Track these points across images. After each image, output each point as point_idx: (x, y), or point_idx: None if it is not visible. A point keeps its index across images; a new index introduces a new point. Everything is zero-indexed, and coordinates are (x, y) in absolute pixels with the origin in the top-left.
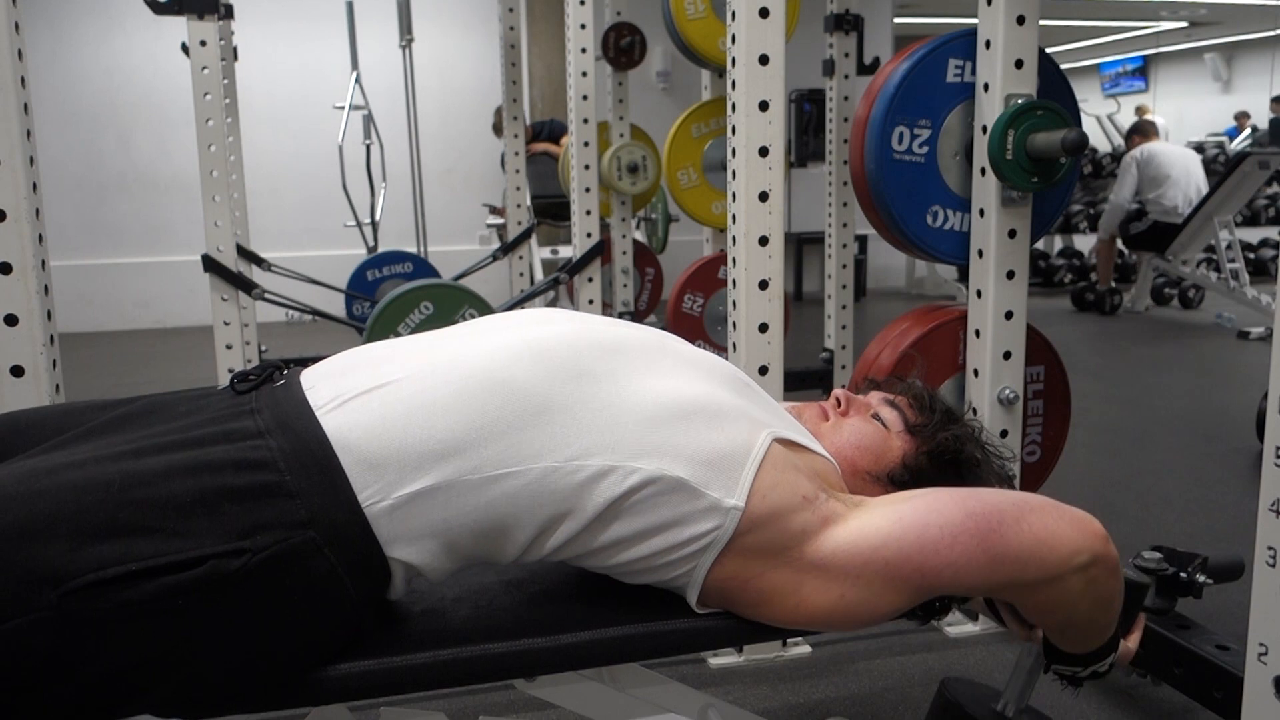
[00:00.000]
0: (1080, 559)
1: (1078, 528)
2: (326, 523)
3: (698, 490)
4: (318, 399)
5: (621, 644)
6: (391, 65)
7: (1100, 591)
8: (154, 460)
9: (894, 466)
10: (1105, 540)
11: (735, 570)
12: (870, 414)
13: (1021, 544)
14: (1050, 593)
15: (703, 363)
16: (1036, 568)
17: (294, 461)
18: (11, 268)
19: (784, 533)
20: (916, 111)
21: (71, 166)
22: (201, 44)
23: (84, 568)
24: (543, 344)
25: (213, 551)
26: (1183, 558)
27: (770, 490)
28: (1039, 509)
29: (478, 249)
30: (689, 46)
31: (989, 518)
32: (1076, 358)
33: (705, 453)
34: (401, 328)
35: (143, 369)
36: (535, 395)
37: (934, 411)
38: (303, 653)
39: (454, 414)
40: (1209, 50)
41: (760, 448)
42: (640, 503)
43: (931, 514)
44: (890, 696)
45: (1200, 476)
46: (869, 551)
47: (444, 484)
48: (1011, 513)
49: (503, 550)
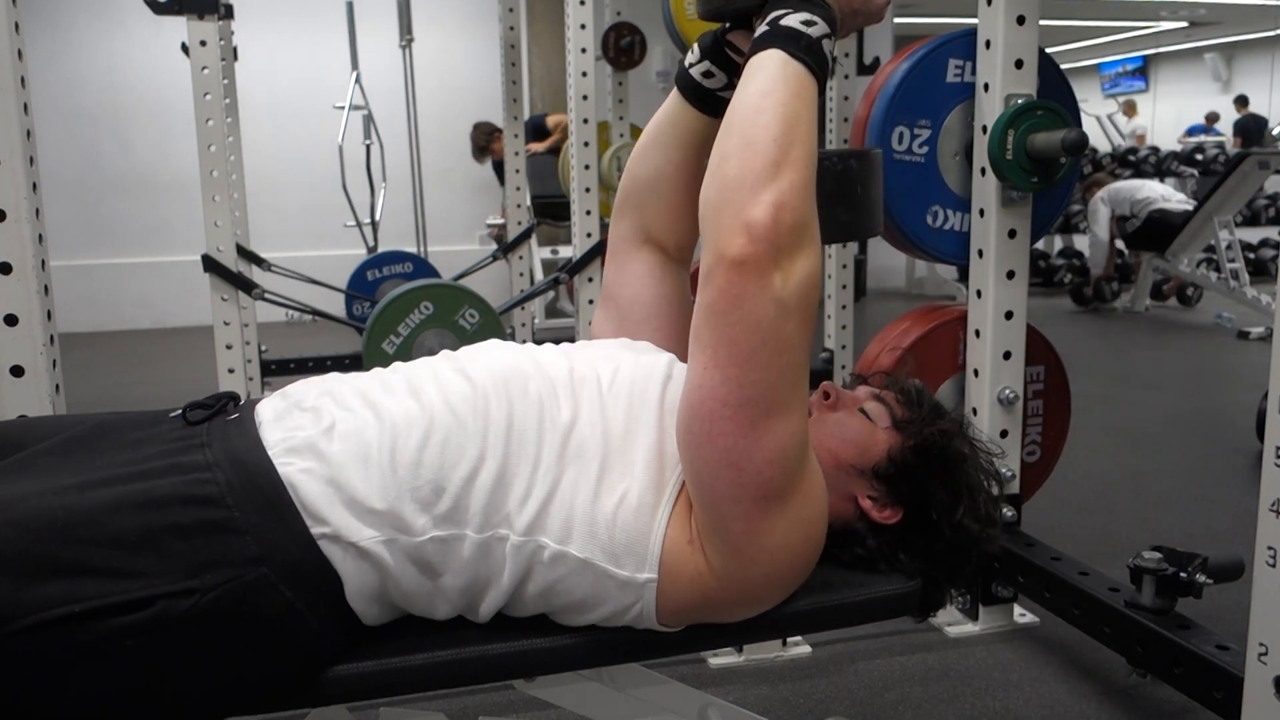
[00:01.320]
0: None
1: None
2: (279, 560)
3: (607, 570)
4: (269, 436)
5: (621, 644)
6: (391, 65)
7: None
8: (99, 494)
9: (879, 460)
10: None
11: (682, 609)
12: (857, 408)
13: (748, 355)
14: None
15: (623, 382)
16: (757, 337)
17: (242, 497)
18: (11, 268)
19: (696, 580)
20: (916, 111)
21: (71, 166)
22: (201, 44)
23: (28, 608)
24: (472, 400)
25: (160, 592)
26: (1183, 558)
27: (681, 550)
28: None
29: (478, 249)
30: (689, 46)
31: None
32: (1076, 358)
33: (614, 525)
34: (401, 328)
35: (143, 369)
36: (464, 459)
37: (921, 406)
38: (273, 680)
39: (386, 470)
40: (1209, 50)
41: (666, 505)
42: (554, 581)
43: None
44: (890, 696)
45: (1200, 476)
46: (739, 528)
47: (383, 540)
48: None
49: (434, 609)
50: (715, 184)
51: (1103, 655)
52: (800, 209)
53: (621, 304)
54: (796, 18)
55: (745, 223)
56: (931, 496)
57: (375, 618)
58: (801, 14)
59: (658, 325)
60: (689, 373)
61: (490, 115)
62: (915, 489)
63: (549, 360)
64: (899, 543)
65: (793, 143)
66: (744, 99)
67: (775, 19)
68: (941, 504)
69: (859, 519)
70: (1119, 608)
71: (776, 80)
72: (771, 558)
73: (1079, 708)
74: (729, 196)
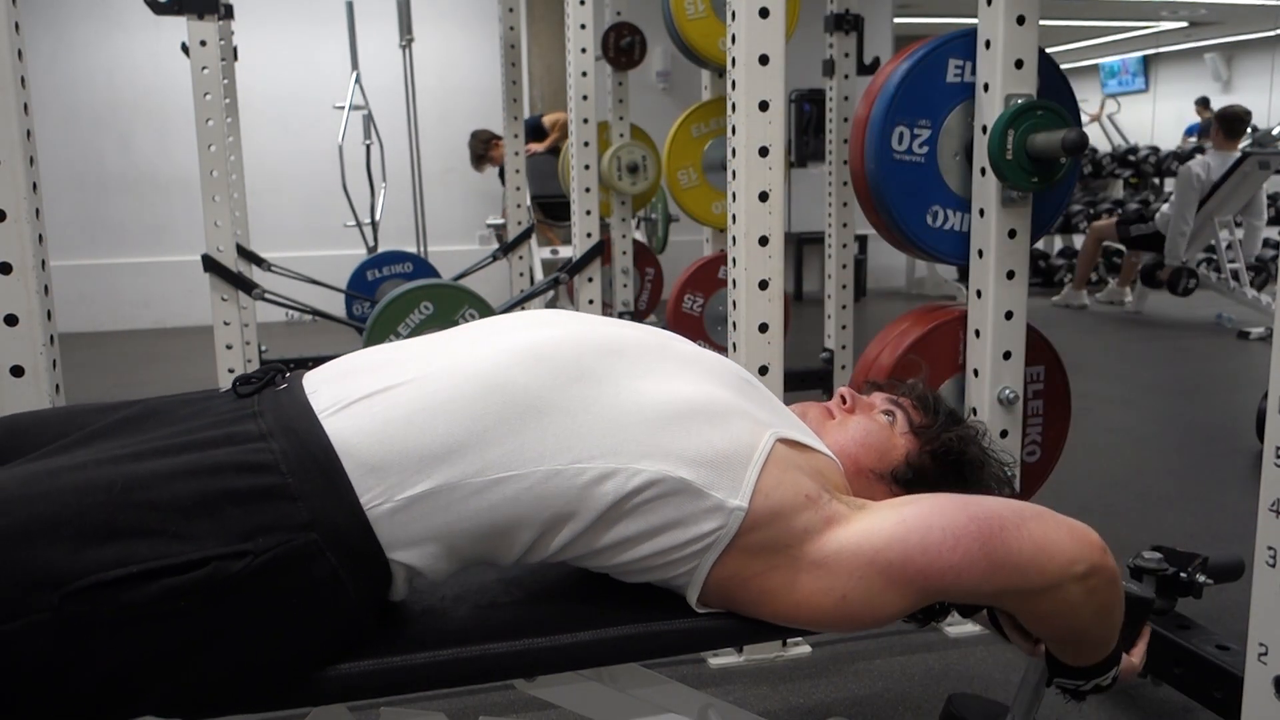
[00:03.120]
0: (1078, 568)
1: (1076, 537)
2: (328, 525)
3: (701, 491)
4: (320, 403)
5: (621, 644)
6: (391, 65)
7: (1099, 601)
8: (155, 463)
9: (897, 465)
10: (1104, 551)
11: (737, 569)
12: (875, 413)
13: (1022, 549)
14: (1049, 601)
15: (704, 362)
16: (1036, 574)
17: (296, 464)
18: (11, 268)
19: (787, 532)
20: (916, 111)
21: (71, 166)
22: (201, 44)
23: (85, 570)
24: (543, 347)
25: (215, 554)
26: (1183, 558)
27: (774, 490)
28: (1039, 516)
29: (478, 249)
30: (689, 46)
31: (991, 522)
32: (1076, 358)
33: (708, 453)
34: (401, 328)
35: (143, 369)
36: (536, 398)
37: (938, 413)
38: (304, 653)
39: (455, 417)
40: (1209, 50)
41: (764, 448)
42: (644, 504)
43: (935, 517)
44: (890, 696)
45: (1200, 476)
46: (872, 552)
47: (446, 486)
48: (1013, 519)
49: (505, 552)
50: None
51: None
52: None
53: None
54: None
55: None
56: None
57: (443, 571)
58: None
59: None
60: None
61: (490, 115)
62: (931, 493)
63: (610, 325)
64: None
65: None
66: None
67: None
68: None
69: None
70: None
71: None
72: (862, 583)
73: (1079, 708)
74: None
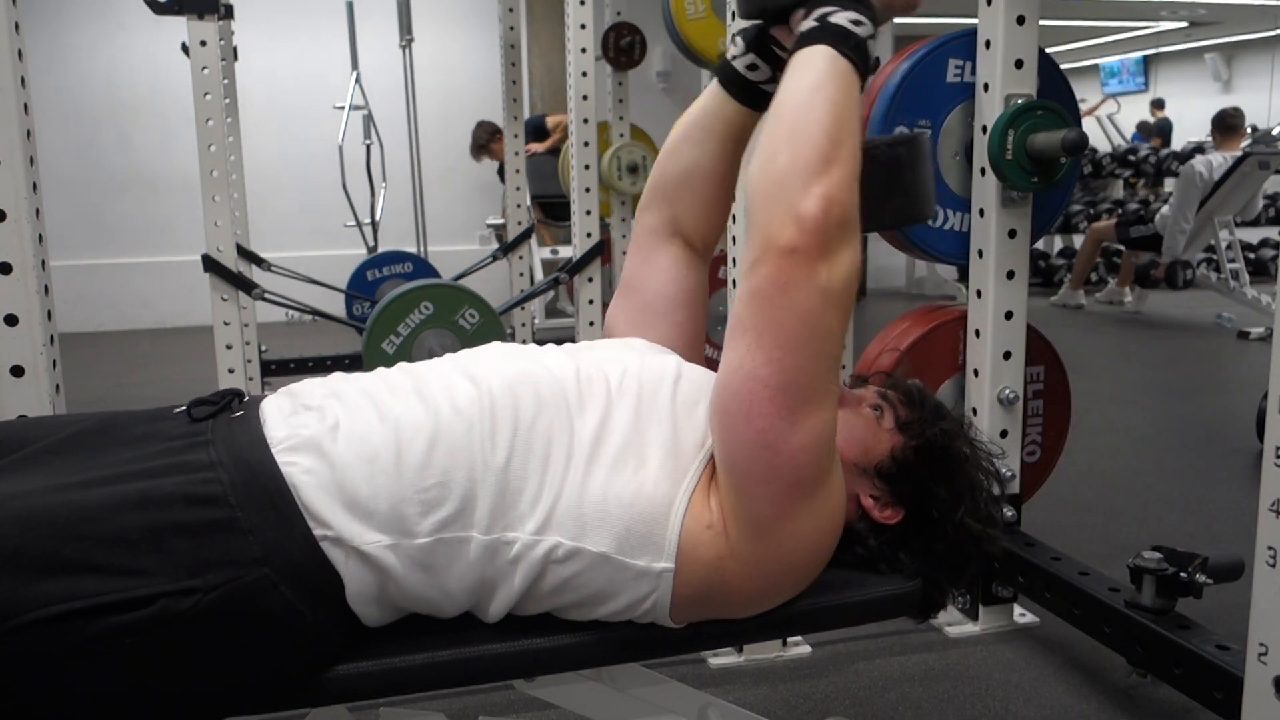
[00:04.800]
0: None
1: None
2: (281, 560)
3: (624, 562)
4: (274, 433)
5: (621, 644)
6: (391, 65)
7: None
8: (102, 492)
9: (882, 460)
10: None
11: (697, 598)
12: (862, 407)
13: (784, 321)
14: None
15: (616, 373)
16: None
17: (245, 497)
18: (11, 268)
19: (716, 564)
20: (916, 111)
21: (71, 166)
22: (201, 44)
23: (29, 605)
24: (479, 402)
25: (161, 590)
26: (1183, 558)
27: (697, 540)
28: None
29: (478, 249)
30: (689, 46)
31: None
32: (1076, 358)
33: (626, 519)
34: (401, 328)
35: (143, 369)
36: (466, 462)
37: (924, 407)
38: (270, 681)
39: (390, 474)
40: (1209, 50)
41: (683, 496)
42: (570, 579)
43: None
44: (890, 696)
45: (1200, 476)
46: (767, 512)
47: (386, 544)
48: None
49: (440, 609)
50: (764, 174)
51: (1103, 655)
52: (847, 204)
53: (646, 295)
54: (845, 15)
55: (796, 214)
56: (933, 496)
57: (377, 619)
58: (849, 12)
59: (679, 319)
60: (726, 355)
61: (490, 115)
62: (917, 489)
63: (555, 363)
64: (899, 543)
65: (842, 139)
66: (793, 92)
67: (823, 15)
68: (943, 504)
69: (860, 518)
70: (1119, 608)
71: (826, 75)
72: (794, 545)
73: (1079, 708)
74: (779, 187)
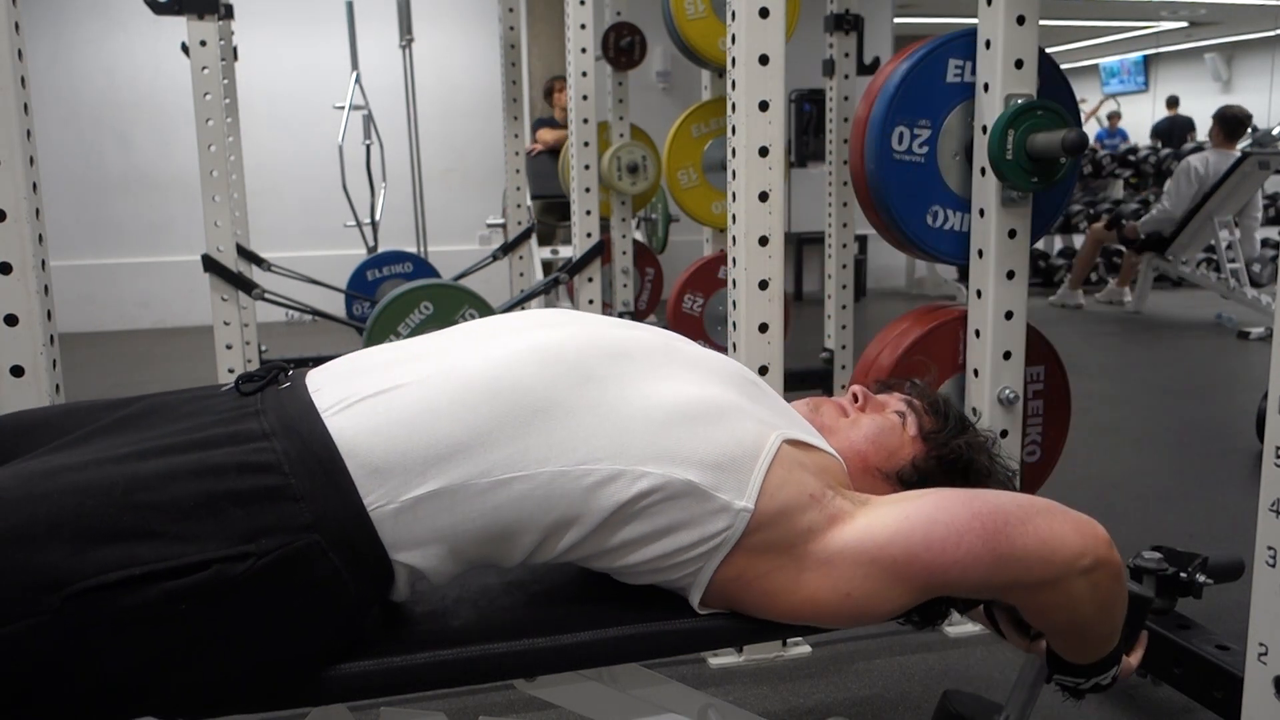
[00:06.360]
0: (1084, 561)
1: (1082, 531)
2: (331, 526)
3: (707, 493)
4: (323, 401)
5: (621, 644)
6: (391, 65)
7: (1103, 597)
8: (157, 463)
9: (904, 466)
10: (1109, 545)
11: (742, 569)
12: (888, 412)
13: (1026, 544)
14: (1053, 595)
15: (709, 363)
16: (1040, 568)
17: (298, 465)
18: (11, 268)
19: (792, 531)
20: (916, 111)
21: (71, 166)
22: (201, 44)
23: (86, 572)
24: (549, 348)
25: (216, 555)
26: (1183, 558)
27: (779, 490)
28: (1044, 511)
29: (478, 249)
30: (689, 46)
31: (995, 517)
32: (1076, 358)
33: (714, 455)
34: (401, 328)
35: (143, 369)
36: (541, 400)
37: (948, 418)
38: (305, 653)
39: (460, 419)
40: (1209, 50)
41: (770, 448)
42: (649, 507)
43: (939, 512)
44: (890, 696)
45: (1200, 476)
46: (875, 549)
47: (450, 488)
48: (1017, 514)
49: (508, 554)
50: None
51: None
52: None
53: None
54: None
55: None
56: None
57: (446, 573)
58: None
59: None
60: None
61: (490, 115)
62: (935, 488)
63: (610, 323)
64: None
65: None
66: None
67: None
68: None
69: None
70: None
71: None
72: (862, 584)
73: (1079, 708)
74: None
